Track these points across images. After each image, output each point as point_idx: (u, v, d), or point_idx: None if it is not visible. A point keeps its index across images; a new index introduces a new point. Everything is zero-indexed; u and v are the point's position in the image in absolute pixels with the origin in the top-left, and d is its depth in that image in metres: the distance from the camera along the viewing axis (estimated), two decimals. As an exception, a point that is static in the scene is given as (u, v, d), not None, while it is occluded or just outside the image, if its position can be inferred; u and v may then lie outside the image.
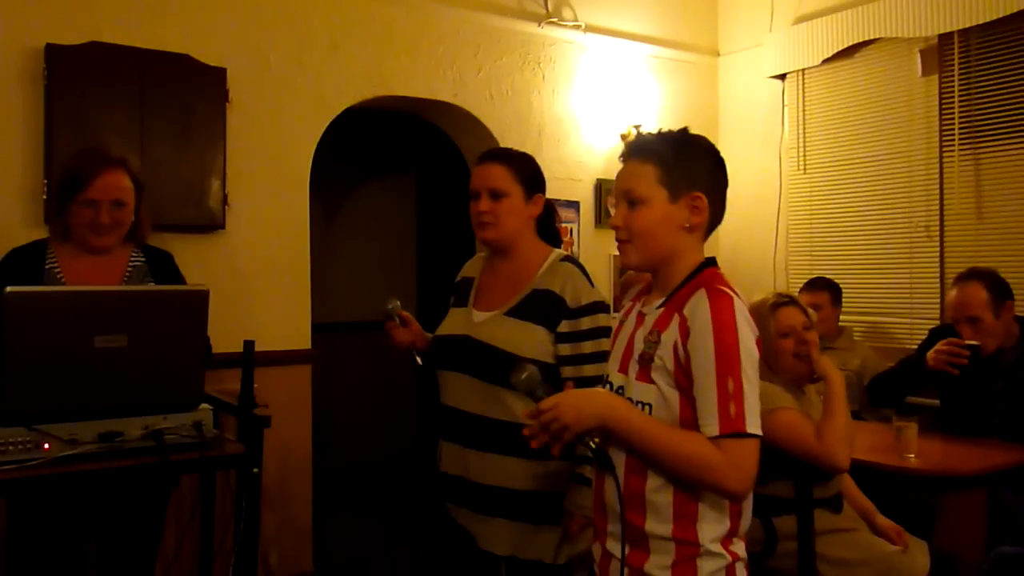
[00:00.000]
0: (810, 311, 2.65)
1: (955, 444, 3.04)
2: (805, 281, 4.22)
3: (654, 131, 1.67)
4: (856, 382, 3.87)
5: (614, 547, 1.56)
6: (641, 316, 1.62)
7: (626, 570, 1.52)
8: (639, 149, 1.60)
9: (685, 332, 1.48)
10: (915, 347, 3.65)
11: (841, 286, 4.17)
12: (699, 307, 1.47)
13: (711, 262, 1.61)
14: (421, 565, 4.09)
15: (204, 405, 2.13)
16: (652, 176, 1.56)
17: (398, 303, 2.23)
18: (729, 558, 1.51)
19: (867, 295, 4.47)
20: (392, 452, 6.30)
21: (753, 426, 1.43)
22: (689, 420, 1.48)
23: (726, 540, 1.51)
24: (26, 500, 2.25)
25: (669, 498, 1.50)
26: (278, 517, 3.77)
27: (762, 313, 2.52)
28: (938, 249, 4.24)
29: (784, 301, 2.59)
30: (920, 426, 2.82)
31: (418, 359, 2.19)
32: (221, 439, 2.16)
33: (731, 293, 1.50)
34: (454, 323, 2.15)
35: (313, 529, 4.01)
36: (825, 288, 4.05)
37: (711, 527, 1.50)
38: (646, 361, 1.53)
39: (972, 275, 3.22)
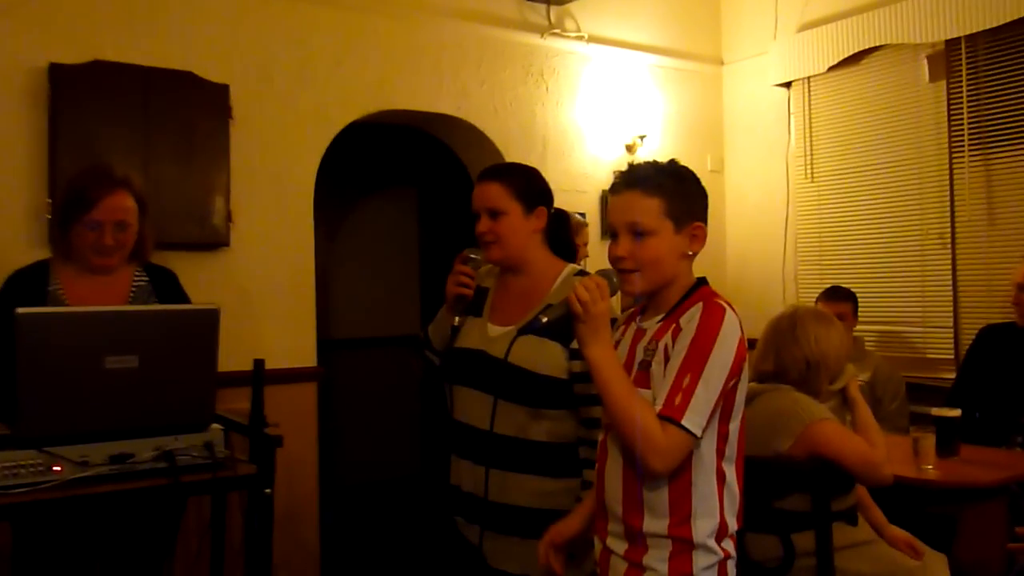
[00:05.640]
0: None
1: (974, 454, 3.04)
2: (821, 291, 4.20)
3: (647, 162, 1.77)
4: (868, 392, 3.88)
5: (614, 544, 1.71)
6: (641, 331, 1.75)
7: (625, 563, 1.68)
8: (641, 181, 1.71)
9: (676, 334, 1.65)
10: (932, 356, 3.69)
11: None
12: (695, 315, 1.64)
13: (703, 281, 1.75)
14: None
15: (215, 425, 2.14)
16: (658, 209, 1.68)
17: (482, 258, 2.16)
18: (721, 554, 1.65)
19: (879, 304, 4.48)
20: (400, 471, 6.30)
21: (690, 422, 1.57)
22: None
23: (718, 537, 1.65)
24: (35, 523, 2.26)
25: (664, 496, 1.64)
26: (286, 538, 3.77)
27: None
28: (950, 256, 4.25)
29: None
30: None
31: (456, 319, 2.15)
32: (233, 460, 2.17)
33: (725, 305, 1.65)
34: (468, 336, 2.16)
35: (321, 551, 4.01)
36: (847, 299, 4.03)
37: (704, 524, 1.64)
38: (645, 367, 1.68)
39: None
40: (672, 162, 1.77)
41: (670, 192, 1.69)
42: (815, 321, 2.57)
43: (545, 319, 1.66)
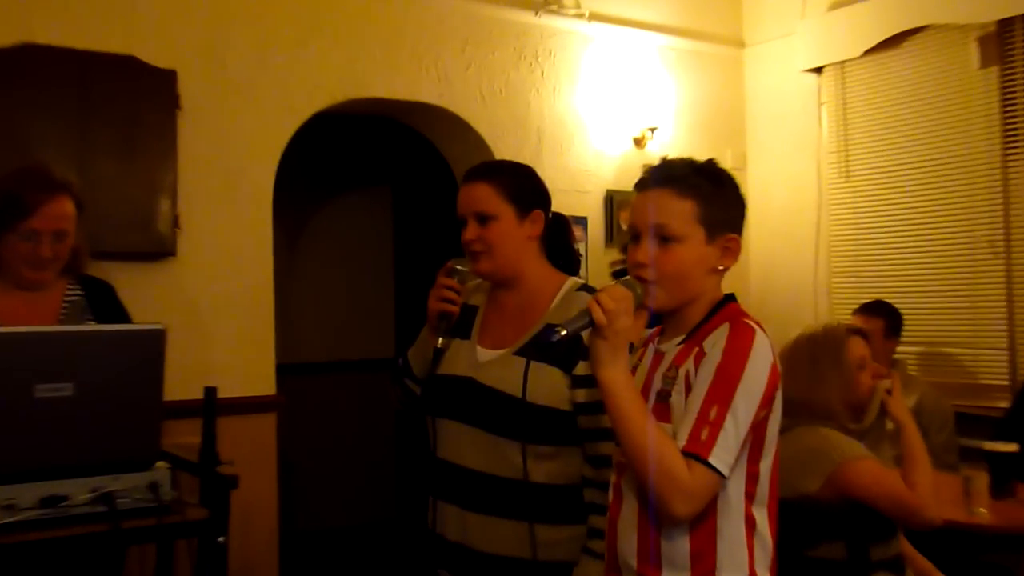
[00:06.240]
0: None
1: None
2: (856, 306, 4.21)
3: (681, 159, 1.78)
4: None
5: None
6: (660, 354, 1.76)
7: None
8: (674, 180, 1.71)
9: (699, 360, 1.64)
10: (984, 382, 3.69)
11: (893, 313, 4.21)
12: (720, 338, 1.64)
13: (731, 298, 1.75)
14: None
15: (161, 463, 2.14)
16: (690, 213, 1.68)
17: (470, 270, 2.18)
18: None
19: (924, 322, 4.52)
20: (372, 516, 6.29)
21: (718, 460, 1.56)
22: None
23: None
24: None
25: (685, 546, 1.63)
26: (240, 593, 3.77)
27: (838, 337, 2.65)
28: (1004, 267, 4.30)
29: (855, 330, 2.71)
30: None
31: (440, 340, 2.16)
32: (181, 503, 2.17)
33: (754, 325, 1.65)
34: (455, 361, 2.18)
35: (281, 607, 4.02)
36: (882, 314, 4.02)
37: None
38: (664, 398, 1.68)
39: None
40: (711, 162, 1.77)
41: (706, 195, 1.69)
42: (834, 362, 2.58)
43: (564, 331, 1.62)
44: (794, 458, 2.42)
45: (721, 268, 1.72)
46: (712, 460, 1.55)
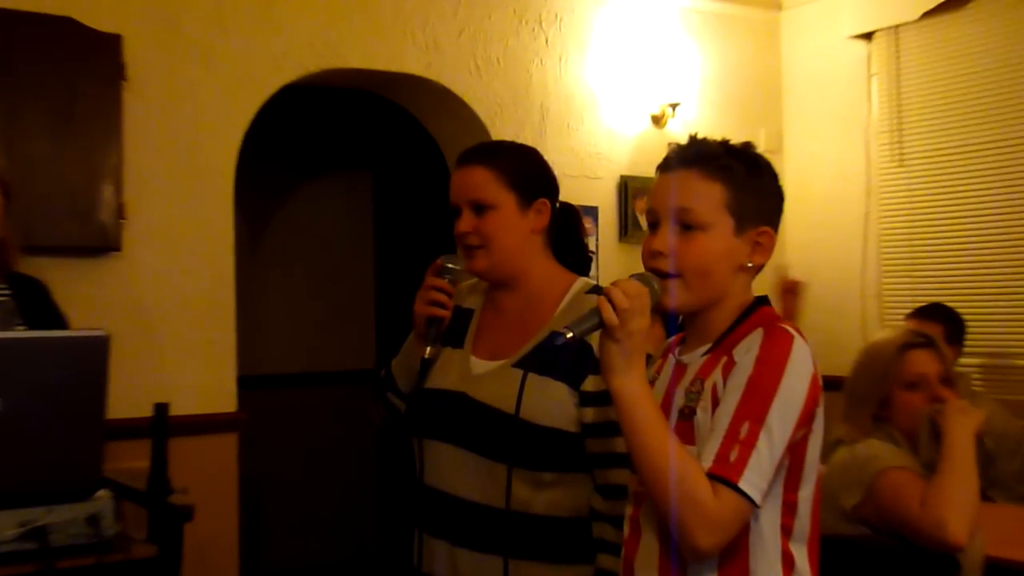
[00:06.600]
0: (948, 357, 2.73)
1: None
2: (910, 310, 4.21)
3: (714, 139, 1.78)
4: (977, 447, 3.90)
5: None
6: (681, 366, 1.76)
7: None
8: (702, 160, 1.71)
9: (728, 370, 1.64)
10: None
11: (955, 318, 4.22)
12: (752, 345, 1.64)
13: (764, 301, 1.75)
14: None
15: (102, 492, 2.15)
16: (718, 198, 1.69)
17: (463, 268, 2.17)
18: None
19: (989, 329, 4.52)
20: (349, 551, 6.30)
21: (748, 484, 1.55)
22: None
23: None
24: None
25: None
26: (195, 643, 3.77)
27: (886, 354, 2.66)
28: (1085, 266, 4.30)
29: (919, 342, 2.70)
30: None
31: (428, 350, 2.16)
32: (125, 538, 2.18)
33: (793, 332, 1.65)
34: (445, 374, 2.17)
35: (242, 659, 4.02)
36: (939, 319, 4.01)
37: None
38: (687, 416, 1.67)
39: None
40: (748, 145, 1.78)
41: (738, 180, 1.70)
42: (870, 376, 2.63)
43: (570, 334, 1.60)
44: (837, 471, 2.48)
45: (751, 265, 1.72)
46: (742, 485, 1.54)
